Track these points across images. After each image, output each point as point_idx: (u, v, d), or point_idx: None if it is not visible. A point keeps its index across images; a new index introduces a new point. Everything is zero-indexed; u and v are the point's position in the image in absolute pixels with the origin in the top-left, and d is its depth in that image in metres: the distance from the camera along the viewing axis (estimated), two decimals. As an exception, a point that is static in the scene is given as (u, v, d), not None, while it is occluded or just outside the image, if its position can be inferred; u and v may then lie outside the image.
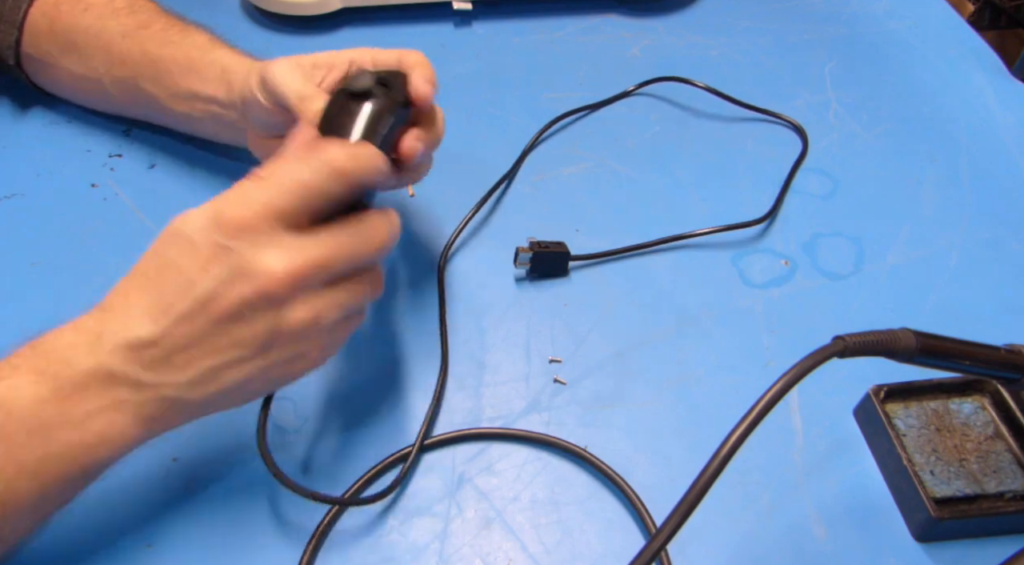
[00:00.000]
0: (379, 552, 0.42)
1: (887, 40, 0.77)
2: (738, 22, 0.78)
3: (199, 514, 0.43)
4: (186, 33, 0.55)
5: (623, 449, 0.46)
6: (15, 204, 0.58)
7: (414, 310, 0.53)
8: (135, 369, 0.35)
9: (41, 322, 0.36)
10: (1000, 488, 0.43)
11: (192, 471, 0.45)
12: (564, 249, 0.54)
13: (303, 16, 0.74)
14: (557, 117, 0.67)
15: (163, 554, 0.41)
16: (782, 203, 0.60)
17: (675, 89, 0.70)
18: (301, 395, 0.48)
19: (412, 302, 0.53)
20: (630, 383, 0.49)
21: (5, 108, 0.65)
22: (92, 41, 0.56)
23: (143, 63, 0.54)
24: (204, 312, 0.35)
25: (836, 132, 0.67)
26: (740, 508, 0.44)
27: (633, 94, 0.70)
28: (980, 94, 0.71)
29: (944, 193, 0.62)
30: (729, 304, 0.54)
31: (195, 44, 0.54)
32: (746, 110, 0.68)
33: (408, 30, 0.76)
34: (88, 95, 0.61)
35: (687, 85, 0.70)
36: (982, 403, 0.47)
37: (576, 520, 0.43)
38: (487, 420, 0.47)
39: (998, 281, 0.56)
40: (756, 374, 0.50)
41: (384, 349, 0.50)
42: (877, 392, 0.46)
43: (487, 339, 0.51)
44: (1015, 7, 1.59)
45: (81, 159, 0.61)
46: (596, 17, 0.78)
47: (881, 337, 0.34)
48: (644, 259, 0.57)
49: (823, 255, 0.57)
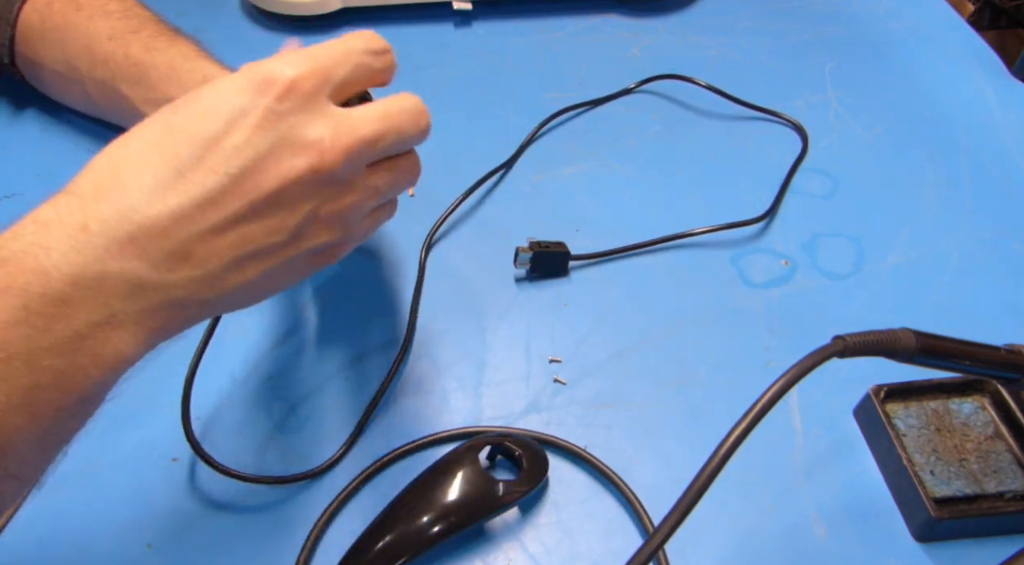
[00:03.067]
0: (379, 552, 0.42)
1: (887, 40, 0.77)
2: (738, 22, 0.78)
3: (199, 514, 0.43)
4: (173, 42, 0.55)
5: (623, 449, 0.46)
6: (15, 204, 0.58)
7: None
8: (137, 266, 0.29)
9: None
10: (1000, 488, 0.43)
11: (192, 471, 0.45)
12: (564, 249, 0.54)
13: (303, 16, 0.74)
14: (558, 111, 0.67)
15: (163, 554, 0.41)
16: (781, 202, 0.60)
17: (675, 89, 0.70)
18: (301, 395, 0.48)
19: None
20: (630, 383, 0.49)
21: (4, 108, 0.65)
22: (79, 39, 0.56)
23: (124, 66, 0.54)
24: (238, 189, 0.30)
25: (836, 132, 0.67)
26: (740, 508, 0.44)
27: (635, 92, 0.70)
28: (980, 94, 0.71)
29: (944, 193, 0.62)
30: (729, 304, 0.54)
31: (180, 53, 0.53)
32: (747, 109, 0.68)
33: (408, 30, 0.76)
34: (71, 96, 0.61)
35: (689, 83, 0.70)
36: (982, 403, 0.47)
37: (576, 520, 0.43)
38: (487, 420, 0.47)
39: (998, 281, 0.56)
40: (756, 374, 0.50)
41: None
42: (877, 392, 0.46)
43: (487, 339, 0.51)
44: (1015, 7, 1.59)
45: (81, 159, 0.60)
46: (596, 17, 0.78)
47: (881, 337, 0.34)
48: (644, 259, 0.57)
49: (823, 255, 0.57)
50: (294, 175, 0.31)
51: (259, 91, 0.31)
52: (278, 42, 0.73)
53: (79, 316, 0.28)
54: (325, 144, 0.31)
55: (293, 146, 0.31)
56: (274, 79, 0.31)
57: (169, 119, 0.31)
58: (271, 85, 0.31)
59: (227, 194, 0.30)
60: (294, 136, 0.31)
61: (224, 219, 0.30)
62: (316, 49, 0.33)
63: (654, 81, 0.70)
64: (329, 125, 0.32)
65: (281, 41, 0.73)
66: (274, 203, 0.31)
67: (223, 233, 0.30)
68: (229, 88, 0.31)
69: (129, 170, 0.30)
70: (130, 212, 0.29)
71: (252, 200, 0.30)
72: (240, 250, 0.31)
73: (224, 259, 0.31)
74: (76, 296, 0.28)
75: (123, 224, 0.29)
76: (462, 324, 0.52)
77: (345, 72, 0.33)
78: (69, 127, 0.64)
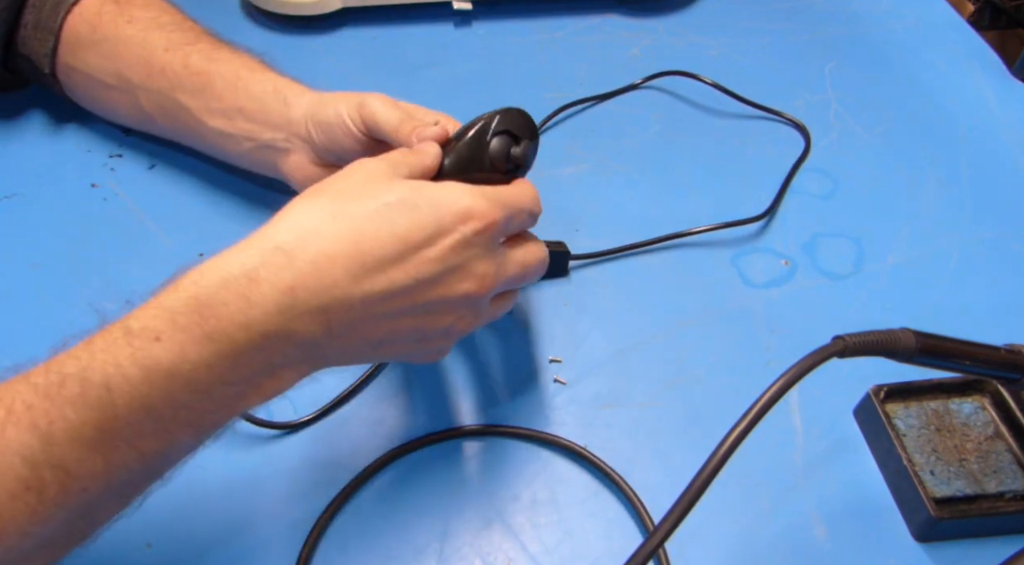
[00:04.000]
0: (379, 551, 0.42)
1: (887, 40, 0.77)
2: (738, 22, 0.78)
3: (199, 514, 0.43)
4: (236, 53, 0.55)
5: (623, 449, 0.46)
6: (15, 204, 0.58)
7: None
8: (318, 332, 0.34)
9: (41, 322, 0.36)
10: (1000, 488, 0.43)
11: (192, 471, 0.44)
12: (564, 248, 0.54)
13: (303, 16, 0.74)
14: (564, 105, 0.67)
15: (163, 554, 0.41)
16: (781, 200, 0.60)
17: (678, 87, 0.70)
18: (298, 395, 0.48)
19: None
20: (630, 383, 0.49)
21: (6, 109, 0.65)
22: (133, 51, 0.55)
23: (184, 75, 0.53)
24: (417, 292, 0.36)
25: (836, 132, 0.67)
26: (740, 508, 0.44)
27: (641, 87, 0.70)
28: (980, 94, 0.71)
29: (944, 193, 0.62)
30: (729, 304, 0.54)
31: (244, 64, 0.54)
32: (749, 108, 0.68)
33: (408, 30, 0.76)
34: (118, 107, 0.59)
35: (692, 80, 0.70)
36: (982, 403, 0.47)
37: (576, 520, 0.43)
38: (487, 419, 0.47)
39: (998, 281, 0.56)
40: (756, 374, 0.50)
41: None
42: (877, 392, 0.46)
43: (487, 339, 0.51)
44: (1015, 7, 1.59)
45: (81, 159, 0.61)
46: (596, 17, 0.78)
47: (881, 337, 0.34)
48: (644, 259, 0.57)
49: (823, 255, 0.57)
50: (455, 296, 0.37)
51: (462, 219, 0.36)
52: (278, 42, 0.73)
53: (263, 361, 0.33)
54: (487, 279, 0.38)
55: (466, 273, 0.37)
56: (478, 214, 0.37)
57: (381, 211, 0.35)
58: (473, 218, 0.37)
59: (407, 294, 0.35)
60: (471, 266, 0.37)
61: (390, 311, 0.36)
62: (506, 196, 0.39)
63: (660, 77, 0.70)
64: (494, 263, 0.38)
65: (281, 41, 0.73)
66: (429, 311, 0.37)
67: (384, 322, 0.36)
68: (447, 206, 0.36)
69: (340, 247, 0.34)
70: (333, 288, 0.34)
71: (416, 303, 0.36)
72: (386, 337, 0.36)
73: (373, 340, 0.36)
74: (267, 346, 0.33)
75: (324, 297, 0.33)
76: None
77: (516, 225, 0.40)
78: (70, 127, 0.64)
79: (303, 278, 0.33)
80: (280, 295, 0.33)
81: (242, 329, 0.32)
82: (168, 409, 0.32)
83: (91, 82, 0.58)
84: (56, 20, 0.57)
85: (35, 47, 0.57)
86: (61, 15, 0.57)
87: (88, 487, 0.31)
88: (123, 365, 0.31)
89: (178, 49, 0.54)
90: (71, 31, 0.57)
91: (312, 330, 0.34)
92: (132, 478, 0.33)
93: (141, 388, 0.31)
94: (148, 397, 0.31)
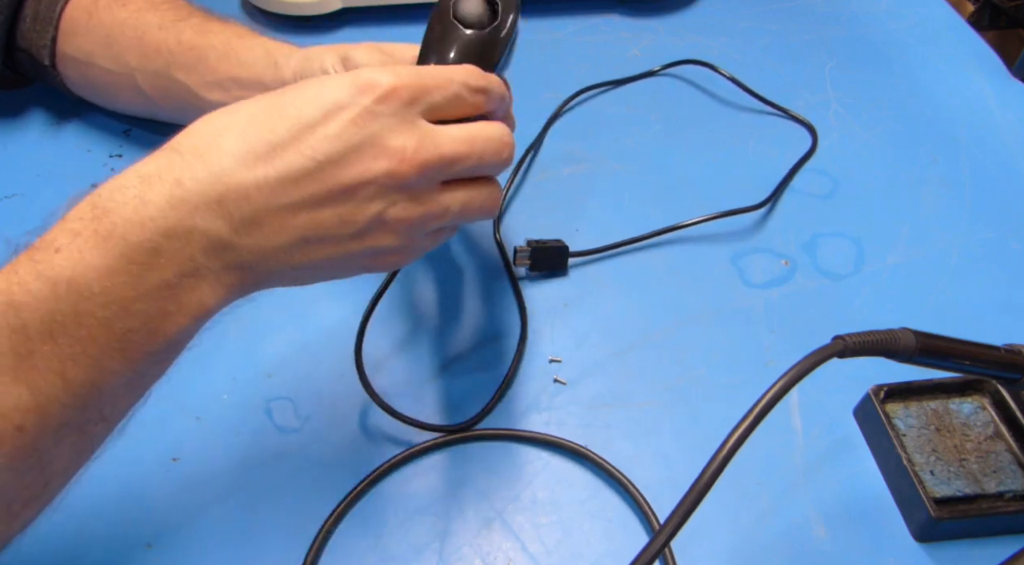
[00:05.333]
0: (379, 551, 0.42)
1: (887, 40, 0.77)
2: (738, 22, 0.78)
3: (199, 514, 0.43)
4: (226, 24, 0.55)
5: (623, 449, 0.46)
6: (15, 204, 0.58)
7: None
8: (220, 226, 0.32)
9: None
10: (1000, 488, 0.43)
11: (192, 471, 0.45)
12: (562, 245, 0.54)
13: (303, 16, 0.74)
14: (582, 89, 0.69)
15: (163, 554, 0.41)
16: (783, 192, 0.60)
17: (679, 86, 0.70)
18: (301, 395, 0.48)
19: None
20: (630, 383, 0.49)
21: (6, 108, 0.65)
22: (128, 34, 0.55)
23: (178, 52, 0.53)
24: (320, 175, 0.33)
25: (836, 132, 0.67)
26: (740, 508, 0.44)
27: (657, 74, 0.72)
28: (980, 94, 0.71)
29: (944, 193, 0.62)
30: (729, 304, 0.54)
31: (235, 32, 0.54)
32: (758, 103, 0.68)
33: (408, 30, 0.76)
34: (120, 94, 0.59)
35: (706, 71, 0.71)
36: (982, 403, 0.47)
37: (576, 520, 0.43)
38: (487, 420, 0.47)
39: (998, 281, 0.56)
40: (756, 374, 0.50)
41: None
42: (877, 392, 0.46)
43: (487, 339, 0.51)
44: (1015, 7, 1.59)
45: (81, 159, 0.61)
46: (596, 17, 0.78)
47: (881, 337, 0.34)
48: (644, 258, 0.57)
49: (823, 255, 0.57)
50: (371, 175, 0.33)
51: (361, 91, 0.33)
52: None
53: (169, 266, 0.31)
54: (406, 153, 0.34)
55: (377, 148, 0.33)
56: (377, 84, 0.33)
57: (273, 99, 0.34)
58: (373, 88, 0.33)
59: (308, 177, 0.33)
60: (381, 139, 0.33)
61: (300, 199, 0.33)
62: (422, 68, 0.36)
63: (679, 65, 0.71)
64: (414, 136, 0.34)
65: (281, 41, 0.73)
66: (348, 196, 0.33)
67: (296, 212, 0.33)
68: (334, 83, 0.34)
69: (228, 136, 0.32)
70: (222, 175, 0.32)
71: (329, 188, 0.33)
72: (308, 232, 0.33)
73: (292, 236, 0.33)
74: (168, 247, 0.31)
75: (215, 185, 0.31)
76: (462, 324, 0.52)
77: (441, 97, 0.35)
78: (70, 127, 0.64)
79: (190, 169, 0.31)
80: (170, 188, 0.31)
81: (136, 227, 0.30)
82: (82, 328, 0.30)
83: (91, 70, 0.58)
84: (55, 10, 0.57)
85: (34, 39, 0.57)
86: (60, 5, 0.57)
87: (22, 425, 0.29)
88: (27, 281, 0.29)
89: (171, 26, 0.55)
90: (69, 20, 0.57)
91: (214, 225, 0.31)
92: (68, 416, 0.30)
93: (48, 302, 0.29)
94: (57, 312, 0.29)
